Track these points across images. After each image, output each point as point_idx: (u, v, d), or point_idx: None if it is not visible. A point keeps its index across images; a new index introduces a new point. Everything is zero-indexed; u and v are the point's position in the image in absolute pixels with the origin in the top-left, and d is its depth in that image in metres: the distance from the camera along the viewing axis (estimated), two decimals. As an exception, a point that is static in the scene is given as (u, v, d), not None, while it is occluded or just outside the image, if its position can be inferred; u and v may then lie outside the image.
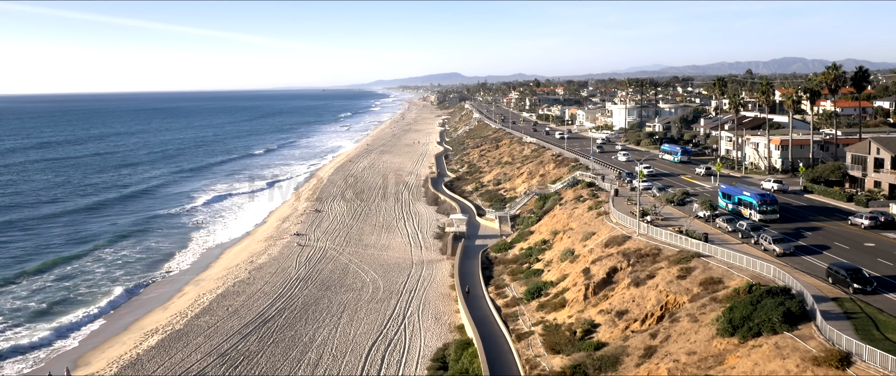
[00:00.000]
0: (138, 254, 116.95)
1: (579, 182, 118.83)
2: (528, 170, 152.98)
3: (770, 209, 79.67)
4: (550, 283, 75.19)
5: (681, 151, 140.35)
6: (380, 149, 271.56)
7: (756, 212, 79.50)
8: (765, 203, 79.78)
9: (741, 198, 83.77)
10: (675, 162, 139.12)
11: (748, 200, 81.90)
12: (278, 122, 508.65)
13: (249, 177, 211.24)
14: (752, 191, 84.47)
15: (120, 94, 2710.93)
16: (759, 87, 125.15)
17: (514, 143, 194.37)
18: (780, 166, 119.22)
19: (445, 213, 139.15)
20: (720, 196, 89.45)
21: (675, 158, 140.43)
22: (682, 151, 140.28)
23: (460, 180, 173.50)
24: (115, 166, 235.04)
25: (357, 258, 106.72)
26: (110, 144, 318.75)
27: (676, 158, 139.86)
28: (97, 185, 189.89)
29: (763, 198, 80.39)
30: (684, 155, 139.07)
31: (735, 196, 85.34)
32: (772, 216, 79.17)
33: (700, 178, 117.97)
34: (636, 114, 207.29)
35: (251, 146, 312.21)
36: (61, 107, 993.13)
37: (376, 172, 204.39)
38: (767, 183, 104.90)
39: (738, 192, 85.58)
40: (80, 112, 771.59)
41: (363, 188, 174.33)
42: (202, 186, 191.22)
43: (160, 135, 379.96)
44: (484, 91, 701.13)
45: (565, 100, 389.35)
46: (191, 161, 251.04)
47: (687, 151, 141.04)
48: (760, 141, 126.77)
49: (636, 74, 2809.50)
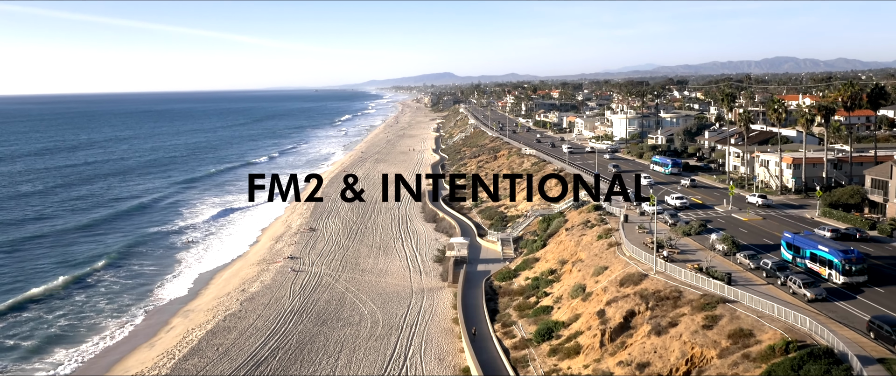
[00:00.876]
0: (126, 280, 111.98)
1: (585, 203, 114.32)
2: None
3: (857, 269, 63.46)
4: (562, 324, 70.62)
5: (671, 164, 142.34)
6: (374, 158, 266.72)
7: (839, 274, 63.72)
8: (849, 262, 63.50)
9: (816, 253, 67.42)
10: (666, 173, 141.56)
11: (826, 257, 65.75)
12: (272, 127, 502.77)
13: (242, 189, 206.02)
14: (831, 245, 66.95)
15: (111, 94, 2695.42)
16: (771, 105, 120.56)
17: (513, 155, 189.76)
18: (793, 186, 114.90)
19: (444, 232, 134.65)
20: (784, 246, 73.09)
21: (665, 170, 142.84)
22: (672, 163, 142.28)
23: (458, 194, 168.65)
24: (104, 176, 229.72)
25: (354, 285, 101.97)
26: (100, 152, 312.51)
27: (667, 170, 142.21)
28: (86, 199, 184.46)
29: (847, 256, 63.78)
30: (675, 167, 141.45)
31: (806, 249, 69.16)
32: (858, 277, 63.36)
33: (687, 190, 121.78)
34: (637, 124, 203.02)
35: (244, 154, 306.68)
36: (51, 110, 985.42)
37: (371, 184, 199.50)
38: (752, 198, 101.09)
39: (810, 245, 68.71)
40: (70, 115, 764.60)
41: (357, 202, 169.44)
42: (193, 200, 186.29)
43: (152, 141, 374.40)
44: (478, 94, 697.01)
45: (562, 104, 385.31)
46: (182, 170, 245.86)
47: (677, 163, 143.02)
48: (771, 158, 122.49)
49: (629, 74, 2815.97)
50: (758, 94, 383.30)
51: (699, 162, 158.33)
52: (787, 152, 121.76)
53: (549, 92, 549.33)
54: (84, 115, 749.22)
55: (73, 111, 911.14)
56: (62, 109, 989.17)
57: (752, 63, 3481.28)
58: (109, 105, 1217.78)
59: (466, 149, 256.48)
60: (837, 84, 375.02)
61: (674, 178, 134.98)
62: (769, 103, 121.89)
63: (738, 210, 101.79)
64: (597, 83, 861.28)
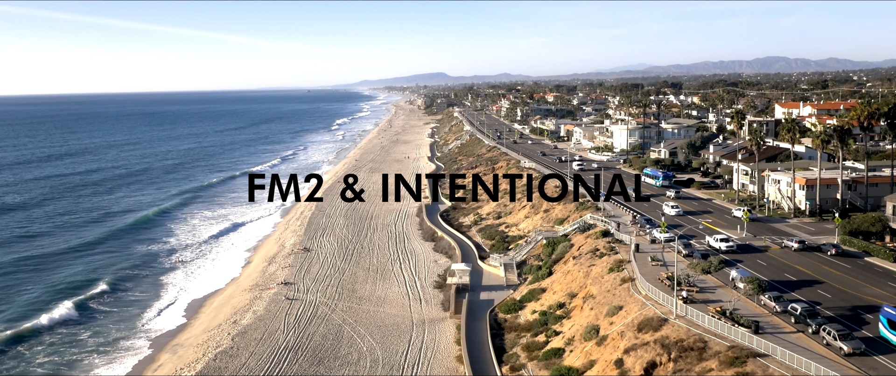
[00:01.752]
0: (113, 308, 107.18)
1: (591, 227, 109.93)
2: (530, 203, 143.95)
3: None
4: (576, 372, 66.13)
5: (662, 176, 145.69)
6: (369, 167, 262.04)
7: None
8: None
9: None
10: (657, 186, 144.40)
11: None
12: (266, 132, 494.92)
13: (235, 201, 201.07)
14: None
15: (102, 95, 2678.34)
16: (785, 126, 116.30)
17: (512, 169, 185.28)
18: (807, 209, 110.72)
19: (443, 252, 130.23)
20: (884, 324, 58.38)
21: (657, 183, 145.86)
22: (663, 176, 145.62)
23: (457, 210, 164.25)
24: (94, 188, 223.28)
25: (351, 316, 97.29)
26: (91, 160, 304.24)
27: (658, 183, 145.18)
28: (74, 215, 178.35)
29: None
30: (665, 179, 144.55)
31: None
32: None
33: (672, 199, 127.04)
34: (638, 135, 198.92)
35: (238, 163, 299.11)
36: (41, 112, 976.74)
37: (366, 197, 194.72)
38: (716, 241, 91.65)
39: None
40: (61, 118, 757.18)
41: (353, 219, 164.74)
42: (185, 215, 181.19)
43: (143, 148, 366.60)
44: (472, 97, 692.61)
45: (557, 110, 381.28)
46: (175, 181, 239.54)
47: (668, 176, 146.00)
48: (782, 178, 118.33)
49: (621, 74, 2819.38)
50: (757, 99, 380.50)
51: (704, 176, 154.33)
52: (799, 172, 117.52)
53: (543, 95, 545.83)
54: (75, 118, 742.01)
55: (63, 113, 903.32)
56: (52, 111, 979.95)
57: (743, 63, 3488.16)
58: (101, 107, 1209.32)
59: (463, 159, 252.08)
60: (839, 91, 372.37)
61: (664, 191, 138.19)
62: (784, 123, 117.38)
63: (753, 237, 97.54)
64: (591, 85, 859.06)
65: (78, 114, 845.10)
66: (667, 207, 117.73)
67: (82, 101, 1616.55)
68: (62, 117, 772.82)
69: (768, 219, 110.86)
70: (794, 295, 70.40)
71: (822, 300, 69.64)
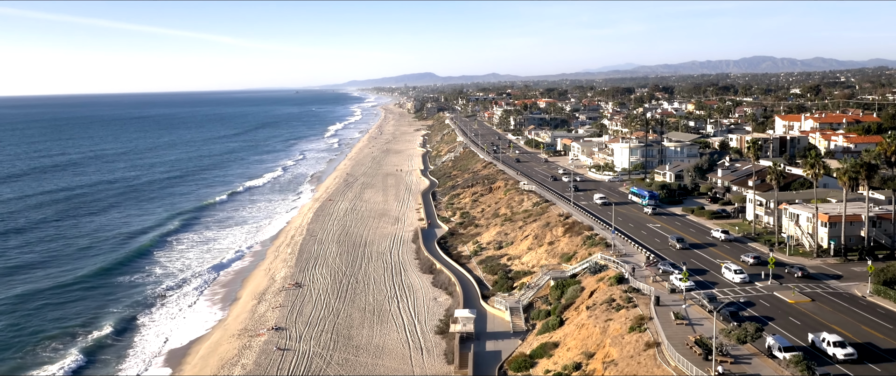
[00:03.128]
0: (89, 358, 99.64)
1: (603, 268, 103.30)
2: (533, 233, 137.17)
3: None
4: (603, 461, 59.37)
5: (648, 196, 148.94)
6: (361, 182, 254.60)
7: None
8: None
9: None
10: (643, 205, 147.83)
11: None
12: (258, 138, 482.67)
13: (223, 223, 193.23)
14: None
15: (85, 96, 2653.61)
16: (809, 161, 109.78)
17: (511, 190, 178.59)
18: (832, 249, 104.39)
19: (443, 287, 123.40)
20: None
21: (642, 201, 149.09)
22: (649, 196, 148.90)
23: (455, 236, 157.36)
24: (75, 210, 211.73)
25: (348, 369, 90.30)
26: (73, 176, 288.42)
27: (644, 202, 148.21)
28: (52, 245, 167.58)
29: None
30: (651, 199, 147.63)
31: None
32: None
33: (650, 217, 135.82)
34: (640, 154, 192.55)
35: (229, 178, 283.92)
36: (25, 115, 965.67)
37: (359, 219, 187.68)
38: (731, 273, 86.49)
39: None
40: (42, 123, 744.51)
41: (346, 245, 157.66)
42: (171, 240, 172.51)
43: (129, 160, 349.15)
44: (463, 101, 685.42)
45: (551, 119, 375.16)
46: (162, 202, 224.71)
47: (654, 196, 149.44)
48: (802, 213, 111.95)
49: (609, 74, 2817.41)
50: (751, 107, 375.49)
51: (713, 202, 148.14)
52: (821, 205, 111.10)
53: (535, 101, 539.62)
54: (59, 124, 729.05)
55: (46, 117, 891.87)
56: (34, 115, 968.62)
57: (730, 62, 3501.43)
58: (85, 110, 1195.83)
59: (458, 174, 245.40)
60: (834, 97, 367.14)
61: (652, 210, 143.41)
62: (806, 159, 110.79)
63: (779, 285, 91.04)
64: (581, 88, 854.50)
65: (62, 119, 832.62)
66: (672, 239, 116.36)
67: (66, 104, 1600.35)
68: (45, 122, 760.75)
69: (782, 264, 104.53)
70: (842, 369, 63.82)
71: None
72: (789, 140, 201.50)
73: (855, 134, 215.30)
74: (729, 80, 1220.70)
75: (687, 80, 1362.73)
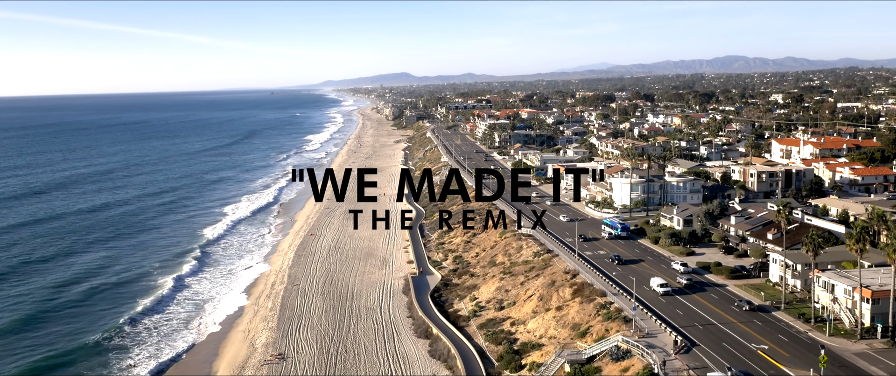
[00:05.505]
0: None
1: (626, 354, 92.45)
2: (537, 292, 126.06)
3: None
4: None
5: (620, 227, 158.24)
6: (342, 210, 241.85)
7: None
8: None
9: None
10: (615, 234, 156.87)
11: None
12: (236, 155, 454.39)
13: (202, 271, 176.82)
14: None
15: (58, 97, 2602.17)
16: (853, 233, 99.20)
17: (508, 234, 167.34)
18: (879, 330, 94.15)
19: (441, 359, 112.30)
20: None
21: (615, 232, 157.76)
22: (621, 227, 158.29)
23: (449, 288, 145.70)
24: (30, 251, 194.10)
25: None
26: (37, 205, 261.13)
27: (616, 232, 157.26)
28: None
29: None
30: (624, 231, 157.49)
31: None
32: None
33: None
34: (641, 190, 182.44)
35: (207, 212, 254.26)
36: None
37: (344, 260, 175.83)
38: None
39: None
40: (9, 132, 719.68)
41: (332, 298, 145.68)
42: (133, 296, 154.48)
43: (96, 184, 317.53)
44: (444, 110, 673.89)
45: (537, 136, 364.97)
46: (131, 247, 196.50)
47: (625, 227, 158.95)
48: (839, 283, 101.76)
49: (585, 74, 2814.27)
50: (738, 123, 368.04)
51: (726, 253, 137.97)
52: (864, 275, 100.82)
53: (517, 112, 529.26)
54: (27, 133, 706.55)
55: (13, 125, 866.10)
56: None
57: (703, 62, 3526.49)
58: (56, 114, 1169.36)
59: (445, 203, 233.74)
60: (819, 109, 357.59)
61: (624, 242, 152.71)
62: (852, 232, 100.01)
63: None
64: (561, 94, 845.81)
65: (29, 127, 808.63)
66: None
67: (34, 108, 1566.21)
68: (9, 131, 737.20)
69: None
70: None
71: None
72: (794, 173, 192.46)
73: (860, 164, 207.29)
74: (705, 82, 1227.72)
75: (662, 82, 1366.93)
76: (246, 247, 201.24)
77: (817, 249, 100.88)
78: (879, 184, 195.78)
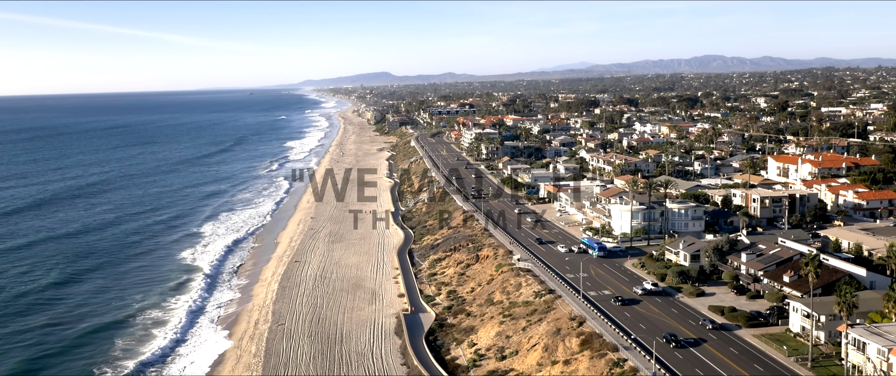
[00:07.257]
0: None
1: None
2: (542, 341, 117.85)
3: None
4: None
5: (598, 248, 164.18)
6: (327, 231, 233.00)
7: None
8: None
9: None
10: (594, 255, 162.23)
11: None
12: (213, 164, 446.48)
13: (176, 298, 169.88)
14: None
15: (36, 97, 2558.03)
16: (889, 295, 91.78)
17: (504, 267, 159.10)
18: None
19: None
20: None
21: (593, 253, 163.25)
22: (599, 247, 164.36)
23: (444, 330, 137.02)
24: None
25: None
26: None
27: (594, 253, 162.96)
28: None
29: None
30: (602, 250, 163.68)
31: None
32: None
33: None
34: (641, 217, 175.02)
35: (184, 228, 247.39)
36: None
37: (331, 293, 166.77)
38: None
39: None
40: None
41: (320, 341, 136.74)
42: (108, 339, 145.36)
43: (66, 203, 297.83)
44: (427, 116, 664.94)
45: (526, 147, 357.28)
46: (98, 280, 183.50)
47: (603, 247, 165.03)
48: (871, 343, 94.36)
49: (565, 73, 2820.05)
50: (727, 134, 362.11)
51: (739, 293, 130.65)
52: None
53: (502, 118, 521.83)
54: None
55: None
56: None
57: (682, 61, 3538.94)
58: (32, 116, 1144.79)
59: (434, 224, 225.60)
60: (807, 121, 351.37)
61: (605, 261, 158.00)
62: (889, 294, 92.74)
63: None
64: (544, 98, 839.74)
65: (1, 132, 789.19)
66: None
67: (7, 109, 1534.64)
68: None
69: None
70: None
71: None
72: (798, 198, 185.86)
73: (863, 187, 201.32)
74: (685, 83, 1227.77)
75: (642, 82, 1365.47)
76: (226, 275, 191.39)
77: (852, 308, 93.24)
78: (884, 208, 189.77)
